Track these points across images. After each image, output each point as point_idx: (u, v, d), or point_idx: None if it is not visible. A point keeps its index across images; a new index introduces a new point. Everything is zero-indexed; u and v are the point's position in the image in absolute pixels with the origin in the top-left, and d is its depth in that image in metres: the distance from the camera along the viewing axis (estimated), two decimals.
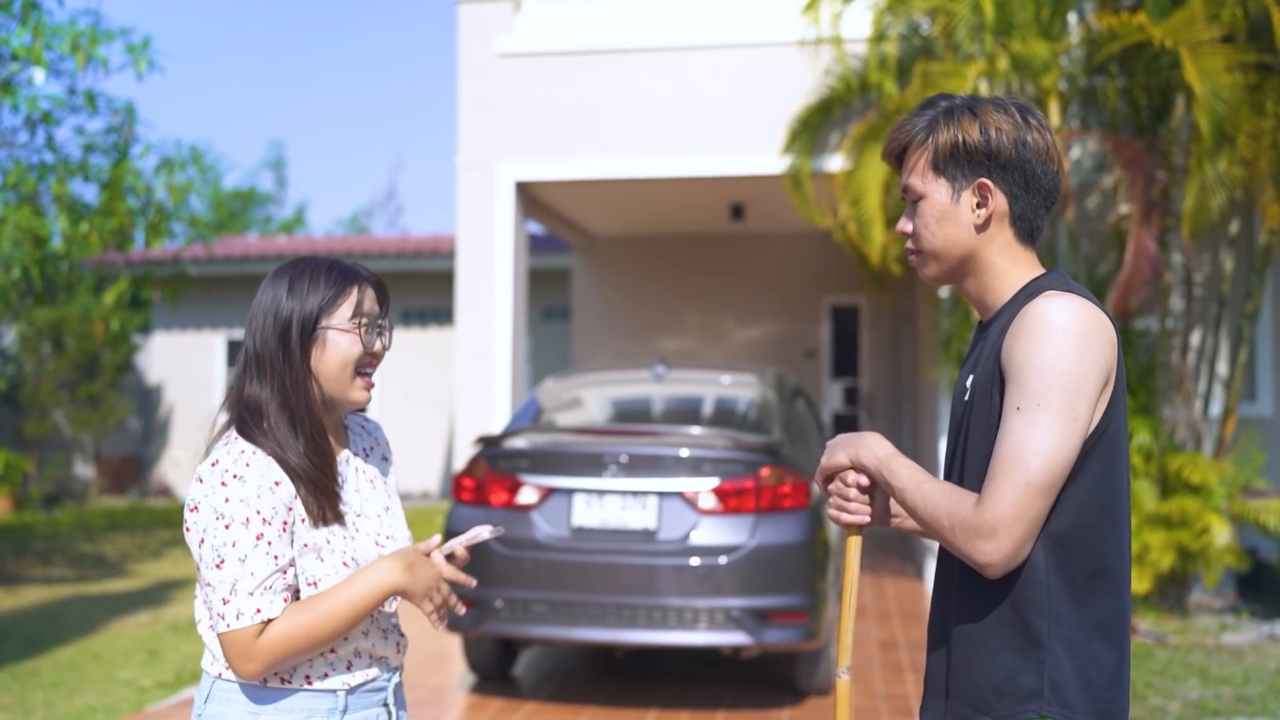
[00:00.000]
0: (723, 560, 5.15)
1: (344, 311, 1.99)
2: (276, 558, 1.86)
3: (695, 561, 5.16)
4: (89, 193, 9.02)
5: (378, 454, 2.15)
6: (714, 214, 11.87)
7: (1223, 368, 8.17)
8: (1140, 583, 7.11)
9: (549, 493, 5.39)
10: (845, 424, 13.24)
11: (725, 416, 6.15)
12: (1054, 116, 7.45)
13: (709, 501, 5.23)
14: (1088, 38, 7.85)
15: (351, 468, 2.05)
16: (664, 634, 5.17)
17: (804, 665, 5.52)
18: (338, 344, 1.97)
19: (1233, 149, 6.90)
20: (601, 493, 5.33)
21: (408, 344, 15.22)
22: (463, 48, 9.33)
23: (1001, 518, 1.66)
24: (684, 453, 5.30)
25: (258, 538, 1.85)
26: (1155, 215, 7.18)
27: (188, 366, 15.63)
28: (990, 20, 7.20)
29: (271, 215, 29.50)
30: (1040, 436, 1.66)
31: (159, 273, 12.04)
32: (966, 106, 1.85)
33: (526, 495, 5.41)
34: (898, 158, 1.93)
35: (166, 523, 12.32)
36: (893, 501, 1.98)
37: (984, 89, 7.78)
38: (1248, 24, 7.23)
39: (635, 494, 5.30)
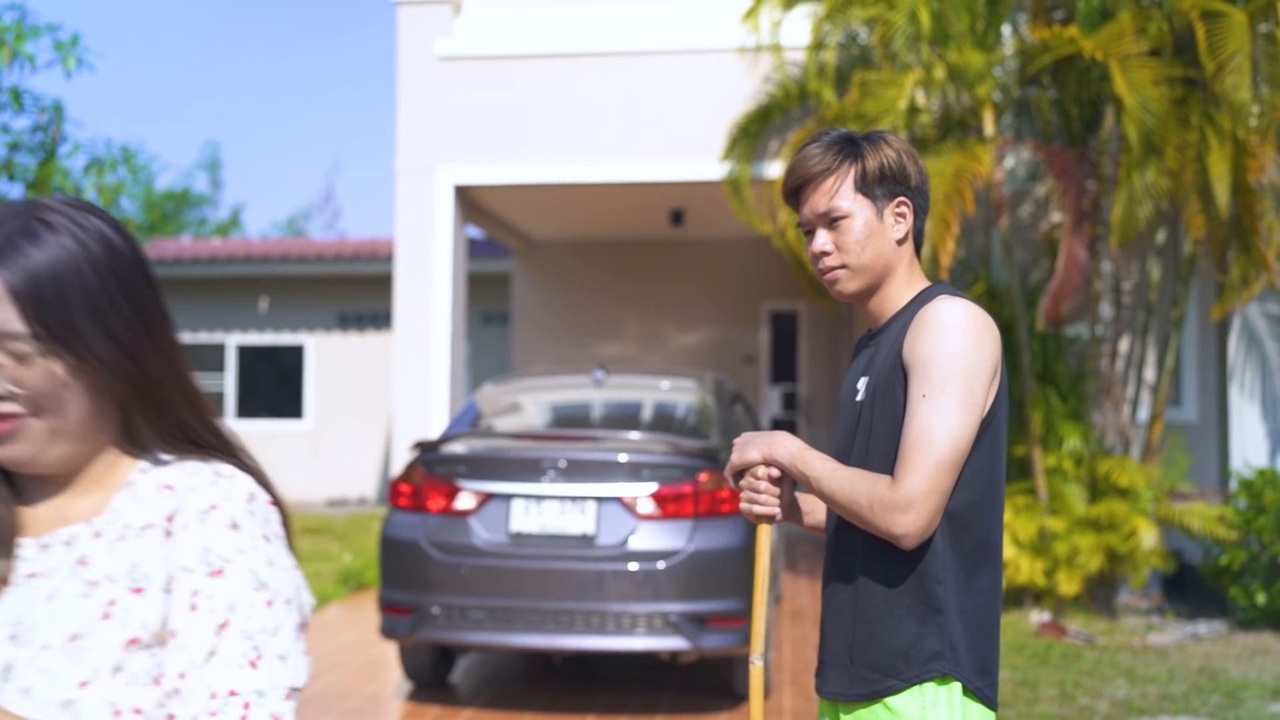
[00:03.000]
0: (661, 565, 5.16)
1: None
2: None
3: (634, 566, 5.16)
4: (15, 192, 8.79)
5: (149, 539, 1.23)
6: (654, 219, 11.90)
7: (1150, 374, 8.35)
8: (1070, 585, 7.24)
9: (487, 498, 5.36)
10: (784, 428, 13.31)
11: (664, 421, 6.16)
12: (989, 126, 7.58)
13: (647, 506, 5.23)
14: (1021, 49, 7.99)
15: (54, 559, 1.24)
16: (602, 639, 5.16)
17: (741, 670, 5.54)
18: None
19: (1160, 160, 7.06)
20: (540, 498, 5.31)
21: (345, 349, 15.06)
22: (402, 50, 9.26)
23: (916, 493, 1.84)
24: (623, 458, 5.30)
25: None
26: (1086, 224, 7.32)
27: None
28: (927, 30, 7.30)
29: (206, 217, 29.04)
30: (945, 419, 1.86)
31: None
32: (869, 137, 2.07)
33: (464, 501, 5.38)
34: (797, 188, 2.08)
35: None
36: (802, 499, 2.19)
37: (920, 98, 7.89)
38: (1174, 38, 7.40)
39: (574, 499, 5.28)
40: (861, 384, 2.05)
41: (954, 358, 1.88)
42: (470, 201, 9.82)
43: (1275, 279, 7.37)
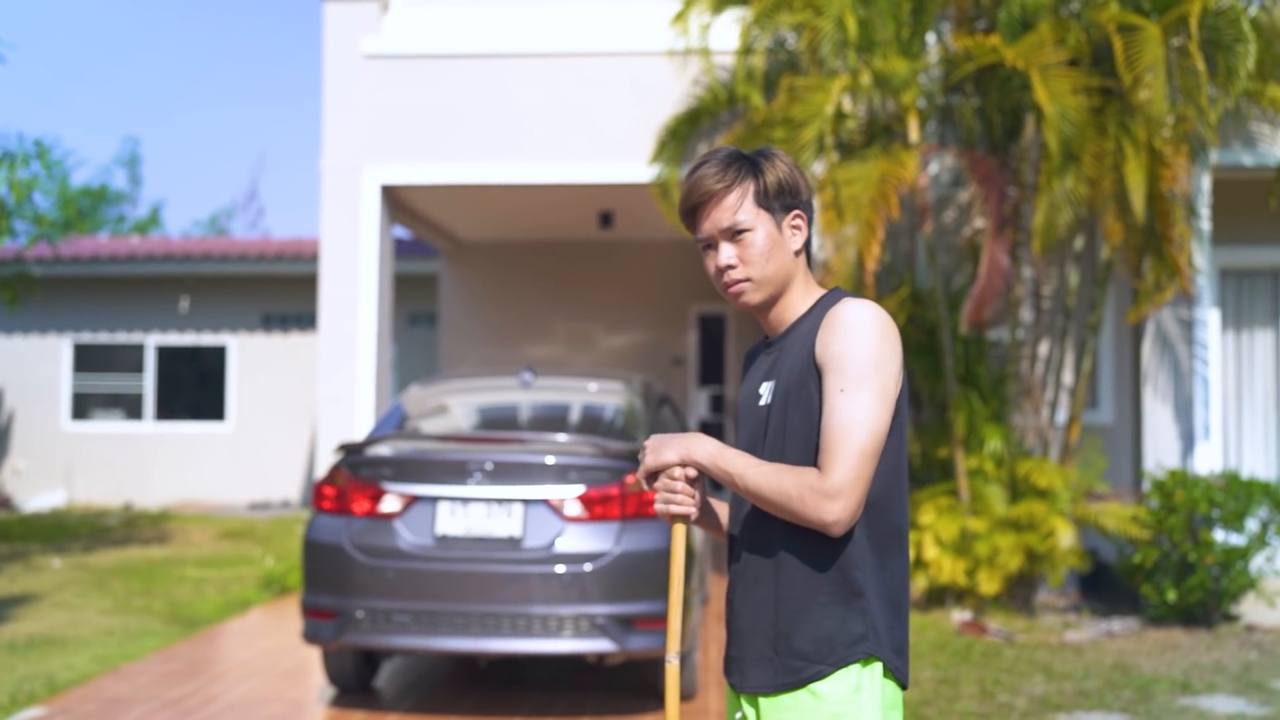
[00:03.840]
0: (588, 567, 5.15)
1: None
2: None
3: (560, 569, 5.15)
4: None
5: None
6: (583, 221, 11.89)
7: (1068, 377, 8.54)
8: (990, 584, 7.37)
9: (412, 501, 5.31)
10: (712, 431, 13.39)
11: (592, 423, 6.16)
12: (913, 132, 7.69)
13: (574, 509, 5.22)
14: (945, 57, 8.13)
15: None
16: (529, 642, 5.14)
17: None
18: None
19: (1079, 168, 7.22)
20: (466, 500, 5.27)
21: (268, 350, 14.83)
22: (328, 47, 9.15)
23: (844, 481, 1.94)
24: (550, 460, 5.28)
25: None
26: (1007, 230, 7.46)
27: (31, 372, 14.91)
28: (853, 37, 7.39)
29: (125, 215, 28.38)
30: (864, 411, 1.96)
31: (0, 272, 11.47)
32: (762, 153, 2.15)
33: (389, 503, 5.32)
34: (694, 207, 2.14)
35: (6, 536, 11.73)
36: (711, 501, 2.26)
37: (847, 104, 7.98)
38: (1092, 49, 7.58)
39: (500, 501, 5.26)
40: (765, 388, 2.14)
41: (866, 354, 1.98)
42: (397, 201, 9.73)
43: (1187, 285, 7.58)
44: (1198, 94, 7.13)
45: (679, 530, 2.13)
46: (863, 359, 1.98)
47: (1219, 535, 7.29)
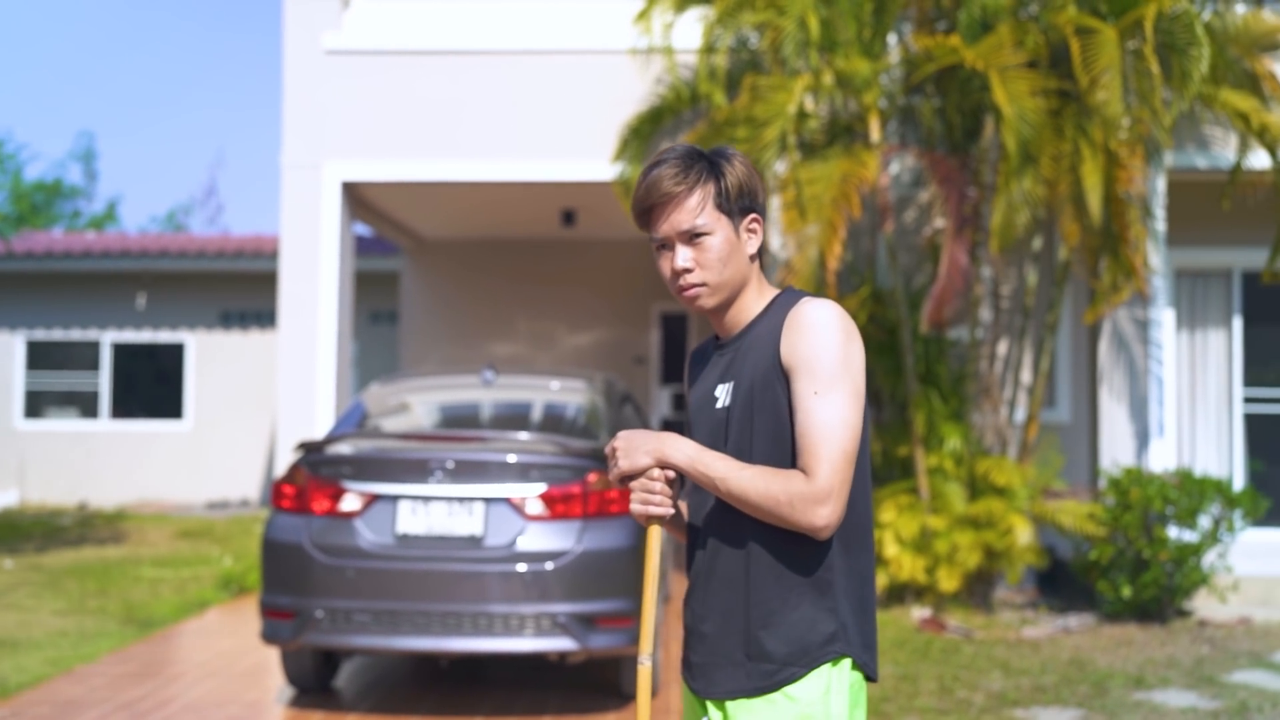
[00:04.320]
0: (549, 566, 5.14)
1: None
2: None
3: (522, 567, 5.14)
4: None
5: None
6: (545, 219, 11.86)
7: (1026, 376, 8.63)
8: (950, 582, 7.43)
9: (373, 499, 5.28)
10: (674, 430, 13.39)
11: (553, 422, 6.15)
12: (874, 132, 7.74)
13: (536, 507, 5.21)
14: (906, 58, 8.18)
15: None
16: (490, 641, 5.13)
17: (629, 669, 5.56)
18: None
19: (1037, 169, 7.30)
20: (427, 499, 5.25)
21: (227, 347, 14.68)
22: (289, 43, 9.07)
23: (832, 484, 1.94)
24: (511, 458, 5.27)
25: None
26: (967, 230, 7.53)
27: None
28: (815, 37, 7.42)
29: (80, 210, 27.99)
30: (840, 412, 1.97)
31: None
32: (721, 153, 2.12)
33: (349, 502, 5.29)
34: (649, 208, 2.10)
35: None
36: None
37: (809, 104, 8.01)
38: (1050, 52, 7.66)
39: (461, 500, 5.24)
40: (722, 390, 2.12)
41: (835, 354, 1.99)
42: (358, 198, 9.66)
43: (1143, 286, 7.69)
44: (1152, 97, 7.23)
45: (654, 532, 2.10)
46: (832, 360, 1.98)
47: (1172, 532, 7.39)
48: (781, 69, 7.73)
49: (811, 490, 1.93)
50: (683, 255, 2.09)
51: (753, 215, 2.13)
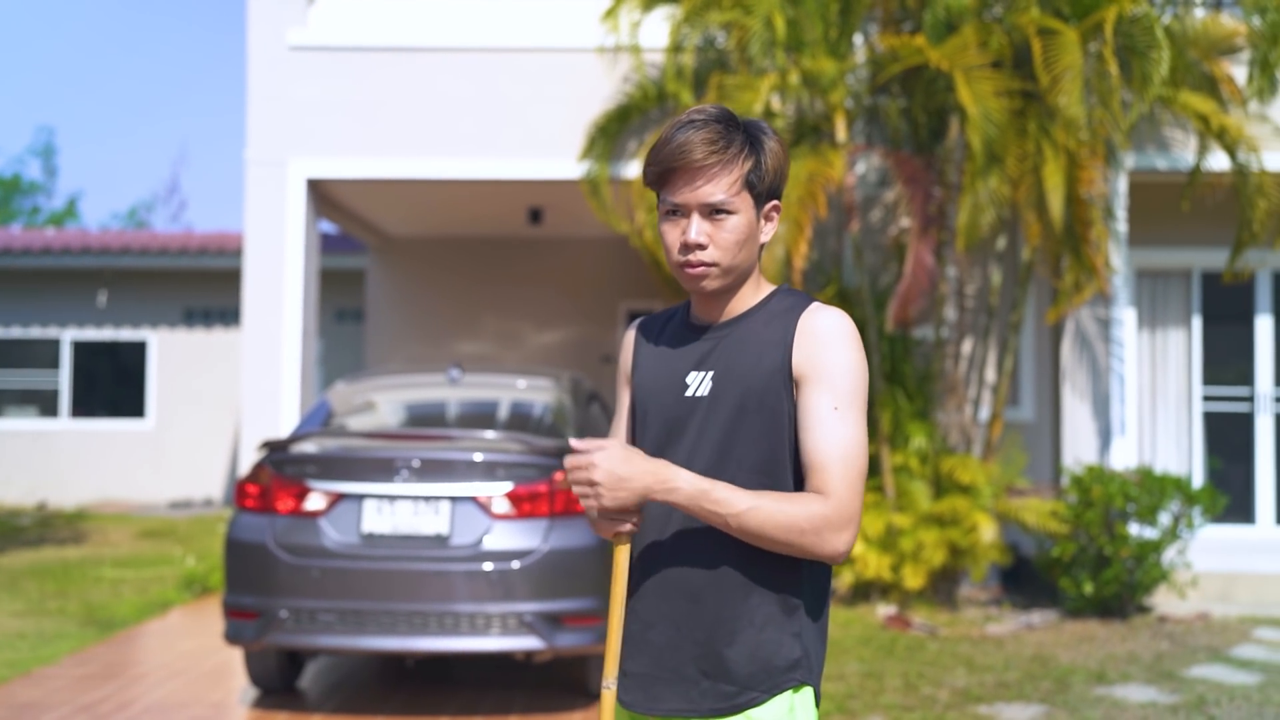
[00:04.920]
0: (516, 565, 5.13)
1: None
2: None
3: (488, 567, 5.12)
4: None
5: None
6: (512, 218, 11.83)
7: (991, 375, 8.70)
8: (915, 579, 7.49)
9: (338, 498, 5.25)
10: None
11: (520, 421, 6.13)
12: (841, 132, 7.78)
13: (502, 506, 5.20)
14: (872, 58, 8.23)
15: None
16: (456, 640, 5.11)
17: (596, 668, 5.56)
18: None
19: (1002, 169, 7.36)
20: (393, 498, 5.22)
21: (191, 345, 14.55)
22: (253, 38, 8.99)
23: (853, 508, 1.85)
24: (477, 457, 5.26)
25: None
26: (932, 230, 7.58)
27: None
28: (782, 36, 7.45)
29: (39, 206, 27.65)
30: (858, 432, 1.89)
31: None
32: (762, 129, 1.95)
33: (314, 501, 5.25)
34: (671, 170, 1.90)
35: None
36: None
37: (776, 103, 8.04)
38: (1013, 53, 7.73)
39: (427, 499, 5.22)
40: (696, 378, 1.96)
41: (855, 371, 1.90)
42: (323, 195, 9.60)
43: (1104, 285, 7.77)
44: (1113, 98, 7.31)
45: (622, 551, 1.91)
46: (853, 376, 1.89)
47: (1133, 529, 7.48)
48: (748, 68, 7.76)
49: (835, 515, 1.82)
50: (699, 228, 1.90)
51: (775, 203, 1.97)
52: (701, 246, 1.90)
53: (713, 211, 1.90)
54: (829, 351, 1.89)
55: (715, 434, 1.92)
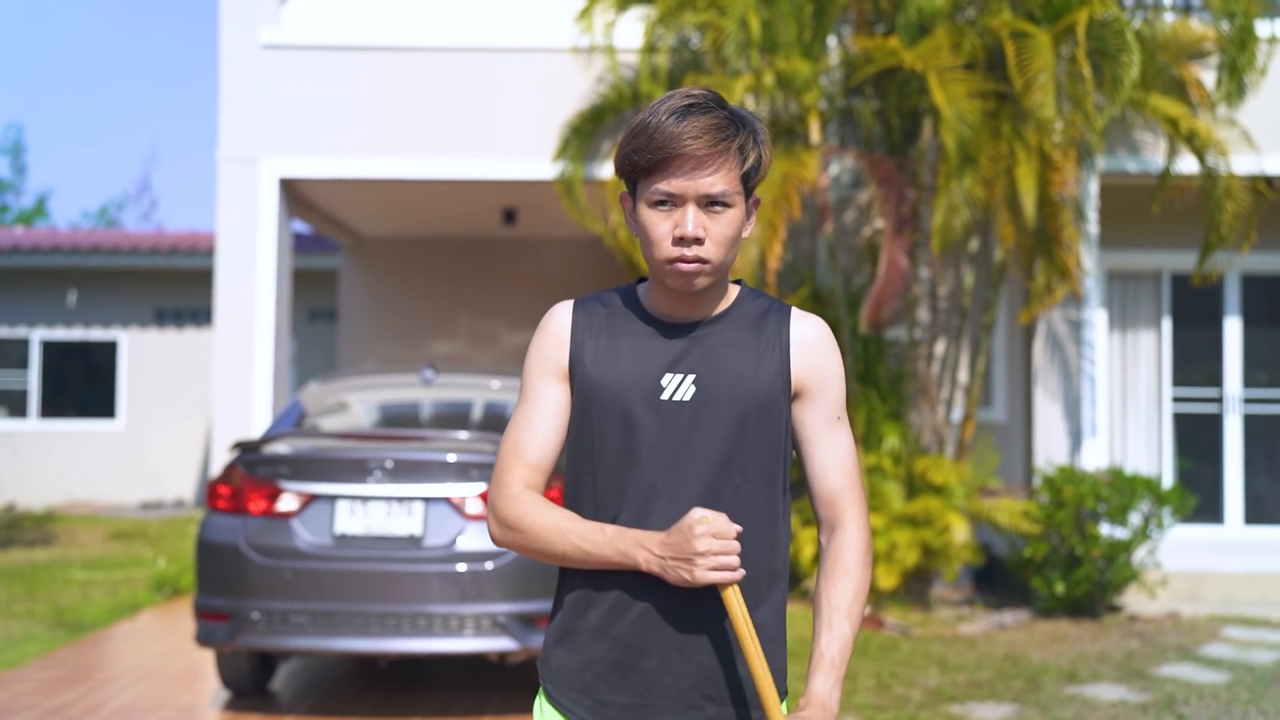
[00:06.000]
0: (489, 566, 5.12)
1: None
2: None
3: (462, 567, 5.11)
4: None
5: None
6: (486, 218, 11.80)
7: (963, 376, 8.75)
8: (888, 579, 7.51)
9: (310, 499, 5.21)
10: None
11: (494, 421, 6.12)
12: (815, 133, 7.80)
13: (476, 507, 5.18)
14: (846, 60, 8.26)
15: None
16: (430, 642, 5.09)
17: None
18: None
19: (976, 170, 7.41)
20: (366, 499, 5.20)
21: (162, 345, 14.43)
22: (224, 36, 8.93)
23: (867, 515, 1.91)
24: (451, 458, 5.24)
25: None
26: (906, 231, 7.62)
27: None
28: (756, 38, 7.47)
29: (8, 205, 27.36)
30: (851, 437, 1.93)
31: None
32: (757, 121, 1.84)
33: (286, 502, 5.22)
34: (667, 157, 1.78)
35: None
36: None
37: (750, 104, 8.06)
38: (987, 54, 7.78)
39: (400, 500, 5.20)
40: (674, 380, 1.83)
41: (843, 378, 1.93)
42: (296, 195, 9.55)
43: (1076, 287, 7.83)
44: (1085, 101, 7.37)
45: (734, 593, 1.76)
46: (842, 384, 1.92)
47: (1104, 529, 7.54)
48: (723, 69, 7.77)
49: (867, 536, 1.86)
50: (696, 219, 1.77)
51: (756, 197, 1.88)
52: (699, 240, 1.77)
53: (710, 203, 1.77)
54: (831, 361, 1.91)
55: (716, 443, 1.81)
